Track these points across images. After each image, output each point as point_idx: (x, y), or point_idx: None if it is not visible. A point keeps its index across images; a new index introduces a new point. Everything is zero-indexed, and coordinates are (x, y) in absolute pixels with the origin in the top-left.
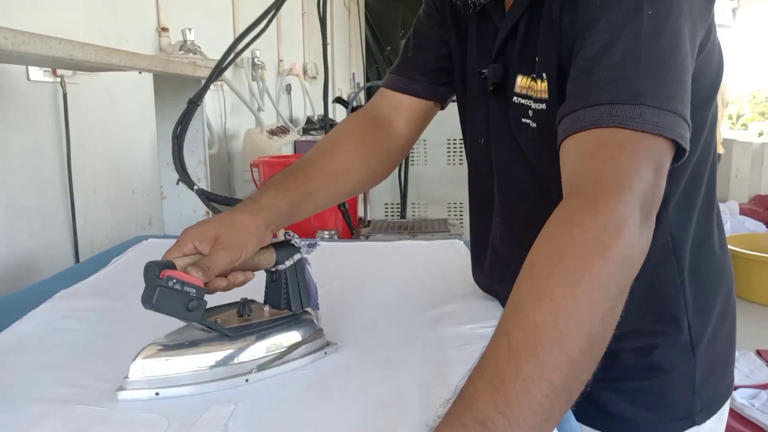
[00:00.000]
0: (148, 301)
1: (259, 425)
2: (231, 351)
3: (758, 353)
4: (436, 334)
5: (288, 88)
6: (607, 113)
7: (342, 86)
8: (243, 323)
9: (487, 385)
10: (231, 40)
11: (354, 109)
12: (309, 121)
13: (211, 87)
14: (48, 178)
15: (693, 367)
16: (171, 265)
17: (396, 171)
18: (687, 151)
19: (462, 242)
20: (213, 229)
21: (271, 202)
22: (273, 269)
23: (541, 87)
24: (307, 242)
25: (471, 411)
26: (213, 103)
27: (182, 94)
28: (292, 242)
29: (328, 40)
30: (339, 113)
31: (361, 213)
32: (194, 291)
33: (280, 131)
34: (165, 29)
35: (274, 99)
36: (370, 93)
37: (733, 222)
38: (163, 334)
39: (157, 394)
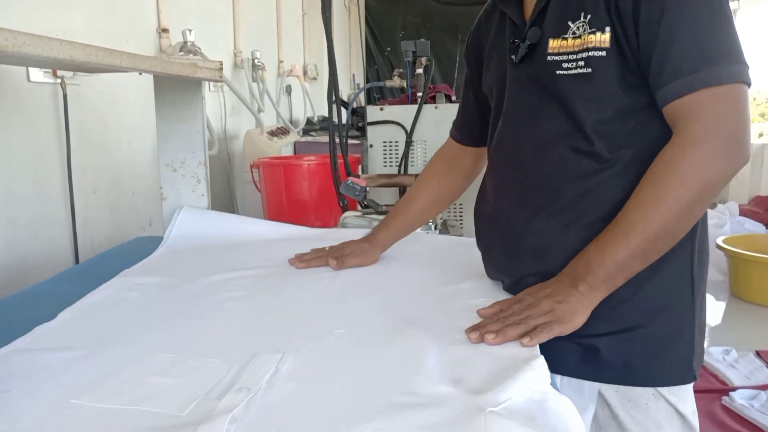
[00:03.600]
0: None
1: (303, 371)
2: None
3: (758, 354)
4: (453, 306)
5: (288, 89)
6: (692, 80)
7: (342, 87)
8: None
9: (594, 246)
10: (231, 41)
11: (354, 111)
12: (309, 122)
13: (211, 88)
14: (48, 179)
15: (693, 321)
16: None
17: (396, 170)
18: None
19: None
20: (352, 249)
21: (383, 241)
22: None
23: (601, 39)
24: None
25: (582, 257)
26: (213, 104)
27: (182, 95)
28: None
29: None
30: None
31: None
32: (360, 187)
33: (280, 132)
34: (165, 30)
35: (274, 100)
36: (370, 94)
37: (733, 223)
38: (218, 302)
39: None
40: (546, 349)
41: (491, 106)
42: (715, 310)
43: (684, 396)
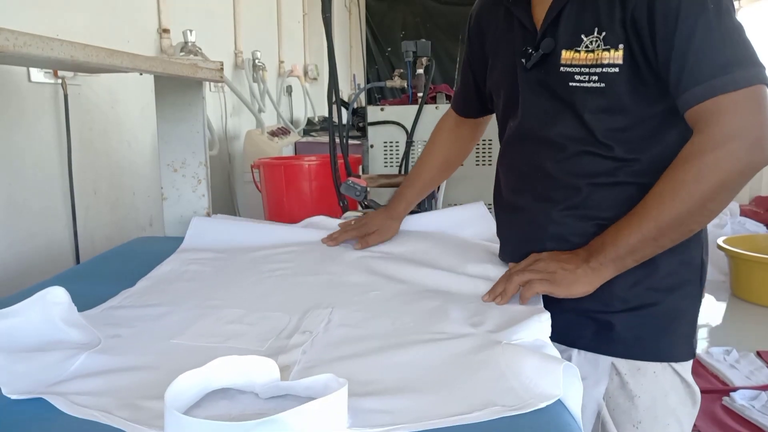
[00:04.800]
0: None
1: (350, 320)
2: None
3: (758, 354)
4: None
5: (289, 90)
6: (710, 86)
7: (343, 87)
8: None
9: (612, 228)
10: (232, 42)
11: (354, 111)
12: (309, 122)
13: (212, 88)
14: (49, 179)
15: (698, 303)
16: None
17: (397, 171)
18: None
19: (482, 203)
20: (376, 224)
21: (402, 212)
22: None
23: (615, 55)
24: None
25: (600, 237)
26: (214, 104)
27: (183, 96)
28: None
29: None
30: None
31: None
32: (360, 187)
33: (280, 132)
34: (166, 30)
35: (275, 100)
36: (370, 94)
37: (734, 223)
38: (269, 271)
39: None
40: (564, 323)
41: (495, 100)
42: (715, 310)
43: (686, 367)
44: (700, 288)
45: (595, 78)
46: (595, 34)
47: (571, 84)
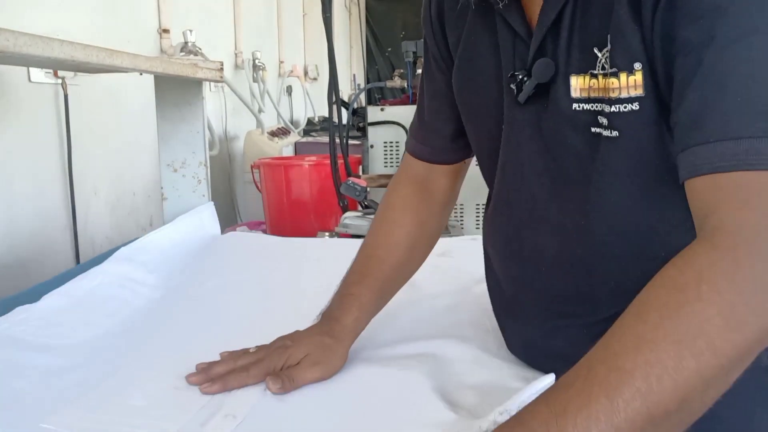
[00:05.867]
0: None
1: (294, 393)
2: None
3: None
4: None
5: (289, 90)
6: (746, 151)
7: (343, 87)
8: None
9: (548, 409)
10: (232, 42)
11: (354, 111)
12: (310, 122)
13: (212, 88)
14: (49, 179)
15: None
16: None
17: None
18: None
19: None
20: (306, 349)
21: (355, 325)
22: None
23: (631, 81)
24: None
25: (522, 428)
26: (214, 104)
27: (183, 96)
28: None
29: None
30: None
31: None
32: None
33: (280, 133)
34: (166, 31)
35: (275, 100)
36: (370, 94)
37: None
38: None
39: None
40: None
41: (472, 137)
42: None
43: None
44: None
45: (605, 122)
46: (608, 46)
47: (594, 130)
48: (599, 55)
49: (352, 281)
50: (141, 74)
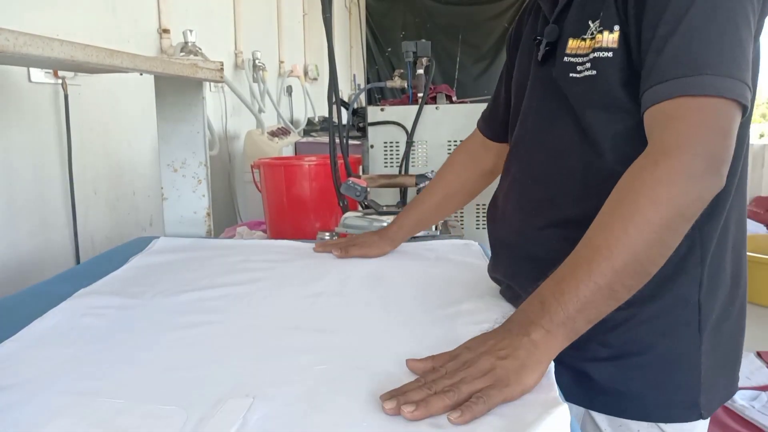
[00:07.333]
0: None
1: (276, 421)
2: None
3: (758, 355)
4: (454, 332)
5: (289, 90)
6: (673, 86)
7: (343, 88)
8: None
9: (551, 281)
10: (232, 42)
11: (354, 111)
12: (310, 122)
13: (212, 88)
14: (49, 179)
15: (699, 351)
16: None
17: (397, 171)
18: (748, 109)
19: (477, 244)
20: (363, 238)
21: (393, 236)
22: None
23: (609, 38)
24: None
25: (537, 295)
26: (214, 104)
27: (183, 96)
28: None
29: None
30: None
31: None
32: (360, 187)
33: (280, 132)
34: (166, 31)
35: (275, 100)
36: (370, 94)
37: None
38: (184, 328)
39: None
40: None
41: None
42: None
43: (684, 429)
44: (701, 333)
45: (588, 65)
46: (600, 16)
47: (571, 75)
48: (591, 25)
49: (401, 212)
50: (141, 74)
